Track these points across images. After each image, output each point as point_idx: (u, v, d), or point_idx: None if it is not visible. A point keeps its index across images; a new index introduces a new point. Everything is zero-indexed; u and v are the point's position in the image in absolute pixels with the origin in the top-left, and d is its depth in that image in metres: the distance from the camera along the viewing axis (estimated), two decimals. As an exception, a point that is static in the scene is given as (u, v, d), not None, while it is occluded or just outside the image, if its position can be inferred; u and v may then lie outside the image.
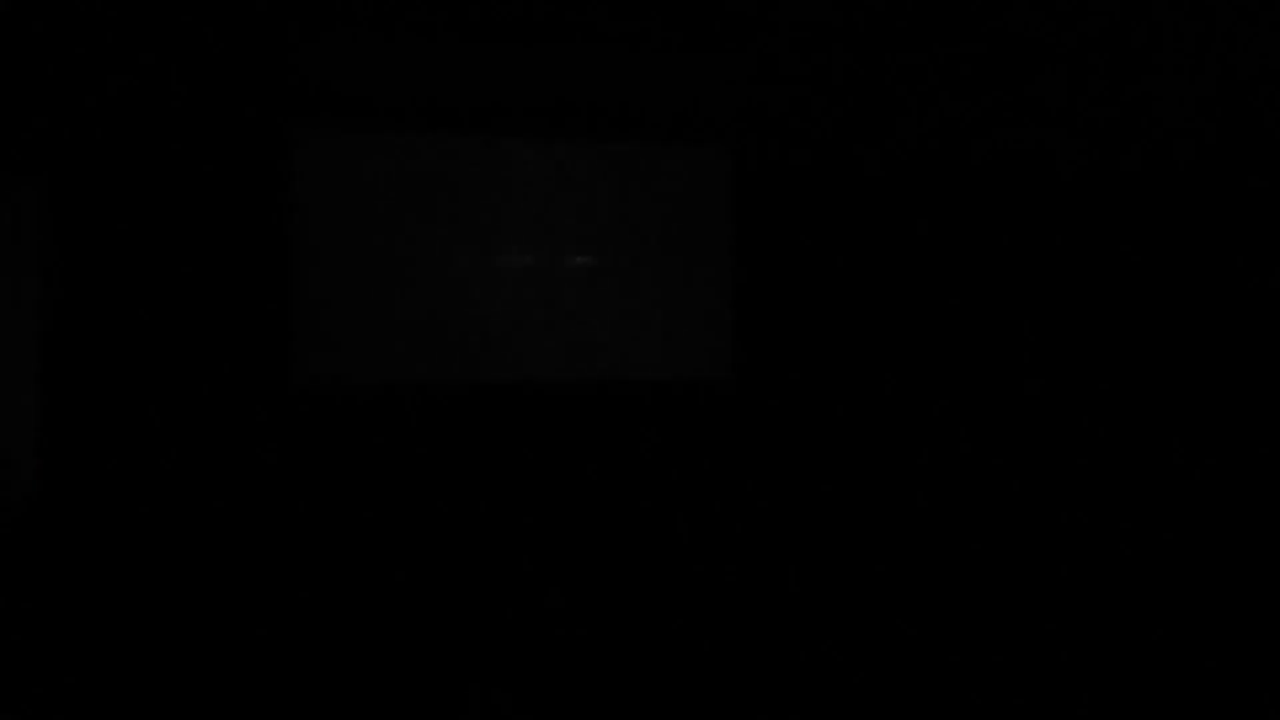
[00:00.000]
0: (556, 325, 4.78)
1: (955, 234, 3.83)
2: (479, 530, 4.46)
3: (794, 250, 4.97)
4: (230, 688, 3.68)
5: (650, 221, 4.91)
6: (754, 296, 5.01)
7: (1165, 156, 2.78)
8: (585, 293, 4.83)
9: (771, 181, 5.01)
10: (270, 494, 4.22)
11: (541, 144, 4.76)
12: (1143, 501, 2.82)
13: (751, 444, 4.92)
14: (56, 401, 3.83)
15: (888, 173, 4.29)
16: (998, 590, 3.33)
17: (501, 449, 4.63)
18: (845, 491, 4.44)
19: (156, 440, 4.11)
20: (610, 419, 4.83)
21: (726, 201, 5.01)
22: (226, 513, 4.13)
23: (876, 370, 4.37)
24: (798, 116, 4.75)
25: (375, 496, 4.38)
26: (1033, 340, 3.33)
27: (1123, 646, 2.83)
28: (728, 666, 3.15)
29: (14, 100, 3.65)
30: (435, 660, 4.08)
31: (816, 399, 4.85)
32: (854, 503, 4.35)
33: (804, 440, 4.87)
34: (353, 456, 4.40)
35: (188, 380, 4.20)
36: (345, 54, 3.89)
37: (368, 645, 4.07)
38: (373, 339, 4.52)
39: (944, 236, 3.93)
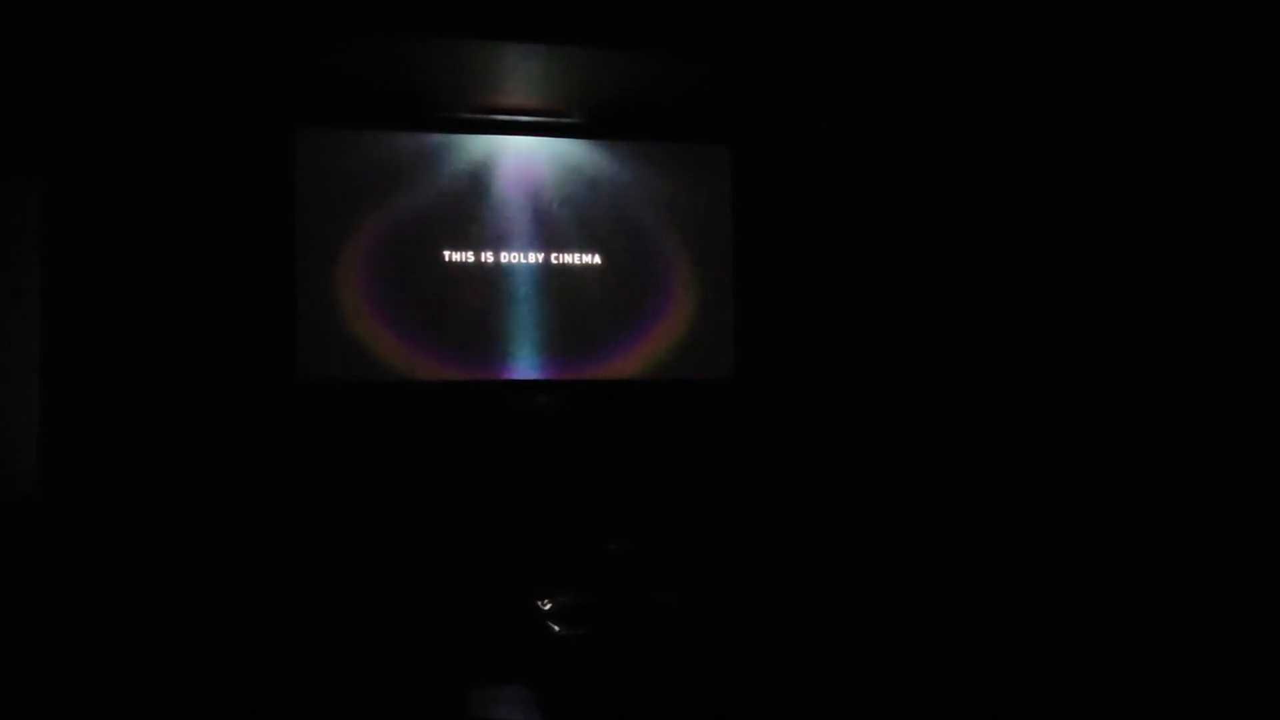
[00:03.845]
0: (557, 325, 4.78)
1: (956, 231, 3.84)
2: (479, 527, 4.46)
3: (794, 250, 4.97)
4: (234, 685, 3.68)
5: (650, 221, 4.90)
6: (754, 296, 5.00)
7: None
8: (585, 293, 4.82)
9: (771, 180, 5.00)
10: (273, 492, 4.22)
11: (542, 143, 4.76)
12: (1146, 501, 2.82)
13: (751, 443, 4.91)
14: (57, 400, 3.83)
15: (888, 172, 4.30)
16: (997, 585, 3.34)
17: (501, 448, 4.62)
18: (843, 490, 4.44)
19: (156, 439, 4.11)
20: (610, 418, 4.82)
21: (727, 201, 5.00)
22: (229, 512, 4.13)
23: (875, 370, 4.38)
24: (798, 116, 4.75)
25: (375, 494, 4.37)
26: (1030, 333, 3.34)
27: (1126, 646, 2.84)
28: (725, 664, 3.16)
29: (14, 98, 3.65)
30: (435, 653, 4.08)
31: (816, 398, 4.85)
32: (853, 502, 4.35)
33: (803, 440, 4.86)
34: (355, 453, 4.39)
35: (188, 379, 4.19)
36: (346, 52, 3.89)
37: (369, 642, 4.08)
38: (374, 337, 4.51)
39: (944, 234, 3.95)
